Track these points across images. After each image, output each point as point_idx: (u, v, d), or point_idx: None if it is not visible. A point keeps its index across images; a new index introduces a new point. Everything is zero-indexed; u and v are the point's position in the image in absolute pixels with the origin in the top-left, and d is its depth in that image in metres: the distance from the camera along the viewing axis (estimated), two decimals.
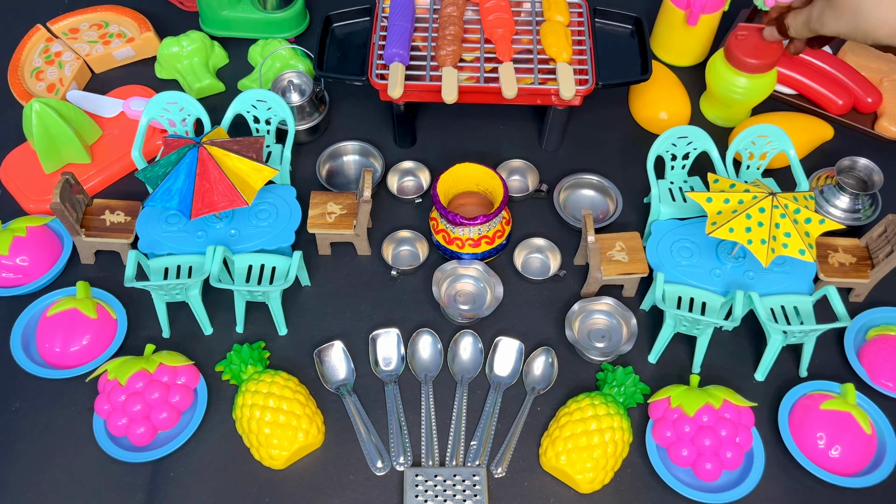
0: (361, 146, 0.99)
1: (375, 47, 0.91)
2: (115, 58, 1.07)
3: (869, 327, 0.85)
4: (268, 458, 0.75)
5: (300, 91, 0.98)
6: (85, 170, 0.94)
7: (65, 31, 1.09)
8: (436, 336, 0.84)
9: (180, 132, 0.92)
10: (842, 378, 0.81)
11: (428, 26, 0.94)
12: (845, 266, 0.85)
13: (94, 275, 0.89)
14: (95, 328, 0.82)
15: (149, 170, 0.81)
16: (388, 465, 0.77)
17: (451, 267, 0.85)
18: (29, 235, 0.87)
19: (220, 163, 0.79)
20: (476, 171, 0.86)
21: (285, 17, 1.08)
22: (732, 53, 0.92)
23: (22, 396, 0.81)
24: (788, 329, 0.76)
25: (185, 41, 1.03)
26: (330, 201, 0.88)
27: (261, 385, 0.76)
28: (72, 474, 0.76)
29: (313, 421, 0.76)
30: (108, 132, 0.98)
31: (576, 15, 0.96)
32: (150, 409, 0.76)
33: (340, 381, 0.82)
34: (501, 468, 0.76)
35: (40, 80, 1.03)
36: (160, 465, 0.77)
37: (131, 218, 0.87)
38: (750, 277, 0.81)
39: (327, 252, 0.91)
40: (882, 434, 0.77)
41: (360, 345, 0.84)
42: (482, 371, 0.82)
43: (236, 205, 0.78)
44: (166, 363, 0.78)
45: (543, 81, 0.89)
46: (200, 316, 0.83)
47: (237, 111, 0.91)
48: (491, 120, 1.02)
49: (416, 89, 0.89)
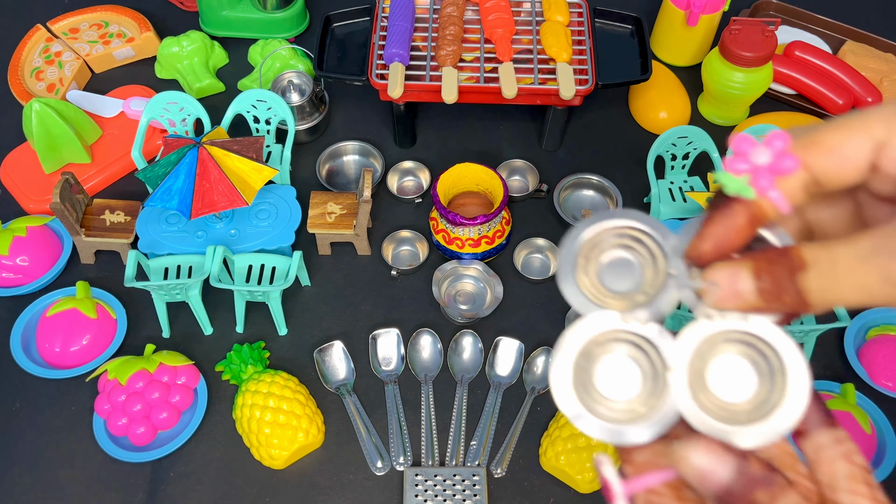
0: (361, 146, 0.99)
1: (375, 47, 0.91)
2: (115, 58, 1.07)
3: (869, 327, 0.85)
4: (268, 457, 0.75)
5: (300, 91, 0.98)
6: (85, 170, 0.94)
7: (65, 30, 1.09)
8: (436, 336, 0.84)
9: (180, 132, 0.92)
10: (842, 378, 0.81)
11: (428, 26, 0.94)
12: None
13: (94, 275, 0.89)
14: (95, 328, 0.82)
15: (149, 170, 0.81)
16: (388, 464, 0.77)
17: (451, 267, 0.85)
18: (29, 235, 0.87)
19: (220, 163, 0.79)
20: (476, 171, 0.86)
21: (285, 16, 1.08)
22: (727, 48, 0.91)
23: (22, 396, 0.81)
24: (788, 329, 0.76)
25: (185, 41, 1.03)
26: (330, 201, 0.88)
27: (261, 385, 0.76)
28: (72, 474, 0.76)
29: (313, 421, 0.76)
30: (108, 132, 0.98)
31: (576, 15, 0.96)
32: (150, 409, 0.76)
33: (340, 381, 0.82)
34: (501, 468, 0.76)
35: (40, 80, 1.03)
36: (160, 464, 0.77)
37: (131, 218, 0.87)
38: None
39: (327, 252, 0.91)
40: (882, 434, 0.77)
41: (360, 345, 0.84)
42: (482, 371, 0.82)
43: (236, 205, 0.78)
44: (166, 363, 0.78)
45: (543, 81, 0.89)
46: (200, 316, 0.83)
47: (237, 111, 0.91)
48: (491, 120, 1.02)
49: (416, 89, 0.89)
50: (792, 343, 0.31)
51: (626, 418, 0.32)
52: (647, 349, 0.33)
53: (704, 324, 0.32)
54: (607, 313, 0.33)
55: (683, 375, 0.32)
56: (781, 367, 0.31)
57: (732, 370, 0.32)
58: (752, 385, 0.32)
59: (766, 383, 0.32)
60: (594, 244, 0.34)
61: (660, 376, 0.32)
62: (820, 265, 0.28)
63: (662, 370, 0.32)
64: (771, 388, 0.31)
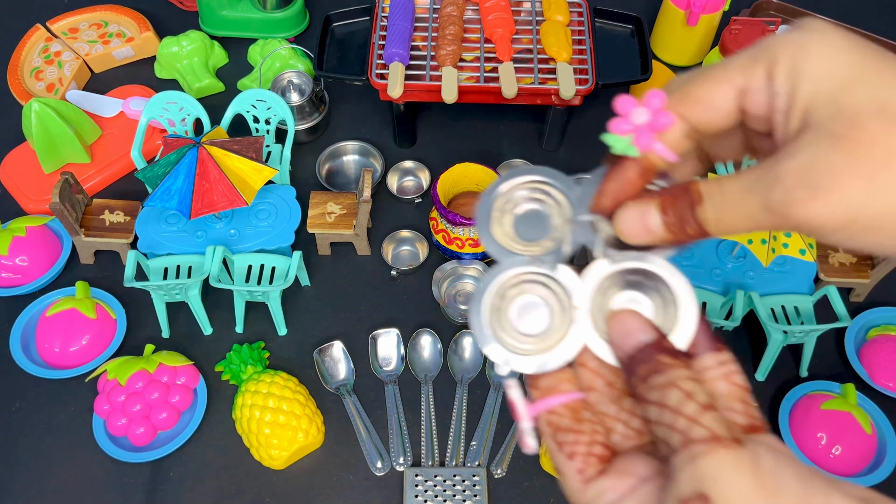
0: (361, 146, 0.98)
1: (375, 47, 0.91)
2: (115, 57, 1.07)
3: (869, 327, 0.85)
4: (267, 458, 0.75)
5: (300, 91, 0.98)
6: (84, 170, 0.94)
7: (64, 30, 1.09)
8: (436, 336, 0.84)
9: (180, 132, 0.92)
10: (842, 378, 0.81)
11: (428, 26, 0.94)
12: (846, 266, 0.85)
13: (93, 275, 0.89)
14: (95, 328, 0.82)
15: (148, 170, 0.81)
16: (388, 465, 0.76)
17: (451, 267, 0.85)
18: (28, 235, 0.87)
19: (220, 162, 0.79)
20: (476, 171, 0.86)
21: (285, 16, 1.07)
22: (727, 48, 0.92)
23: (21, 397, 0.81)
24: (789, 329, 0.76)
25: (184, 41, 1.03)
26: (330, 201, 0.87)
27: (260, 385, 0.76)
28: (71, 474, 0.76)
29: (313, 421, 0.76)
30: (108, 132, 0.98)
31: (576, 15, 0.95)
32: (150, 410, 0.76)
33: (340, 381, 0.82)
34: (501, 468, 0.76)
35: (40, 80, 1.03)
36: (160, 465, 0.76)
37: (131, 218, 0.87)
38: (750, 277, 0.81)
39: (327, 252, 0.90)
40: (882, 434, 0.77)
41: (359, 345, 0.84)
42: (482, 371, 0.82)
43: (236, 205, 0.78)
44: (166, 363, 0.78)
45: (543, 81, 0.89)
46: (200, 316, 0.83)
47: (237, 111, 0.91)
48: (491, 120, 1.02)
49: (416, 89, 0.88)
50: (683, 278, 0.35)
51: (536, 350, 0.36)
52: (556, 289, 0.37)
53: (605, 264, 0.36)
54: (520, 258, 0.37)
55: (587, 311, 0.36)
56: (674, 299, 0.35)
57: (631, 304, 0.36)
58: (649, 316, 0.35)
59: (660, 314, 0.35)
60: (508, 198, 0.38)
61: (567, 312, 0.36)
62: (714, 198, 0.32)
63: (569, 307, 0.36)
64: (665, 318, 0.35)
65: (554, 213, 0.38)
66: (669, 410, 0.30)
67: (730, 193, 0.32)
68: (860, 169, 0.28)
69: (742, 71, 0.32)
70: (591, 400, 0.35)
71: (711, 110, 0.33)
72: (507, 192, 0.38)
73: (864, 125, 0.28)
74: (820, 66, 0.30)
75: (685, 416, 0.30)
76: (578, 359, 0.36)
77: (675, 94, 0.33)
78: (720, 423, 0.30)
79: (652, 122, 0.33)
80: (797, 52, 0.31)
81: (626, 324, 0.34)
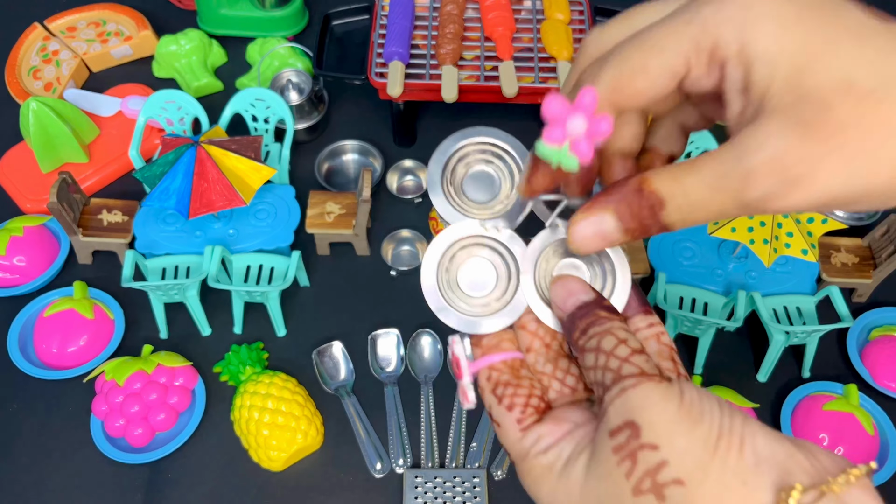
0: (361, 145, 0.98)
1: (375, 46, 0.91)
2: (113, 56, 1.07)
3: (872, 328, 0.85)
4: (266, 459, 0.74)
5: (299, 90, 0.97)
6: (82, 169, 0.94)
7: (62, 29, 1.08)
8: (436, 336, 0.83)
9: (178, 131, 0.91)
10: (844, 379, 0.81)
11: (428, 24, 0.94)
12: (848, 266, 0.84)
13: (91, 275, 0.88)
14: (93, 329, 0.82)
15: (146, 169, 0.80)
16: (388, 466, 0.76)
17: None
18: (26, 235, 0.86)
19: (219, 162, 0.78)
20: None
21: (284, 15, 1.07)
22: None
23: (19, 397, 0.80)
24: (791, 329, 0.75)
25: (182, 39, 1.03)
26: (329, 201, 0.87)
27: (259, 386, 0.75)
28: (69, 476, 0.76)
29: (312, 422, 0.76)
30: (106, 131, 0.97)
31: (577, 13, 0.95)
32: (148, 410, 0.76)
33: (339, 382, 0.82)
34: (502, 470, 0.76)
35: (37, 79, 1.02)
36: (158, 466, 0.76)
37: (129, 218, 0.87)
38: (752, 277, 0.80)
39: (326, 252, 0.90)
40: (885, 435, 0.77)
41: (359, 345, 0.84)
42: None
43: (234, 204, 0.77)
44: (164, 364, 0.78)
45: (544, 80, 0.89)
46: (198, 316, 0.83)
47: (235, 110, 0.91)
48: (491, 119, 1.02)
49: (416, 88, 0.88)
50: (621, 252, 0.38)
51: (482, 312, 0.38)
52: (503, 252, 0.39)
53: (550, 232, 0.38)
54: (470, 221, 0.39)
55: (531, 275, 0.38)
56: (612, 269, 0.38)
57: (572, 270, 0.38)
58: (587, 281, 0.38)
59: (598, 280, 0.38)
60: (459, 158, 0.39)
61: (512, 276, 0.38)
62: (677, 200, 0.31)
63: (515, 271, 0.38)
64: (604, 285, 0.38)
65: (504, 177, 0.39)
66: (604, 354, 0.33)
67: (694, 194, 0.31)
68: (836, 156, 0.28)
69: (679, 55, 0.30)
70: (528, 361, 0.38)
71: (648, 100, 0.32)
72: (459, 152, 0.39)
73: (833, 108, 0.27)
74: (772, 44, 0.28)
75: (618, 357, 0.32)
76: (519, 322, 0.38)
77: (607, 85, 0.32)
78: (650, 364, 0.32)
79: (590, 129, 0.30)
80: (743, 32, 0.29)
81: (569, 286, 0.37)
